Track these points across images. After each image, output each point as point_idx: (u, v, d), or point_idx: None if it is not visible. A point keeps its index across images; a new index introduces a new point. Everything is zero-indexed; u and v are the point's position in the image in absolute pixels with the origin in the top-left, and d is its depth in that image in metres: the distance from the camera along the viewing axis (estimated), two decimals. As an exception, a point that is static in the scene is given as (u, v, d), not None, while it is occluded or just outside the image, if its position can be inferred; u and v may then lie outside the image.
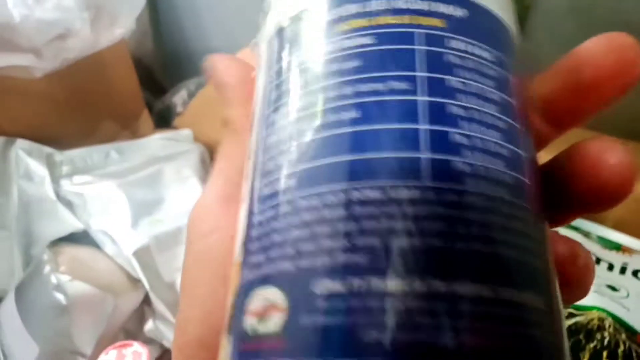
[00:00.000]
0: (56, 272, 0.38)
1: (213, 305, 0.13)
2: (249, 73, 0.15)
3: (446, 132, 0.10)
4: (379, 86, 0.11)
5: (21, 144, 0.47)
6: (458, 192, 0.10)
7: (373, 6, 0.12)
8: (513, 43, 0.13)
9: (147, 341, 0.41)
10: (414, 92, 0.11)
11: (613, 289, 0.36)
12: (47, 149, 0.48)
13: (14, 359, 0.37)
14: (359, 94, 0.11)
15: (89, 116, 0.56)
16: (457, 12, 0.12)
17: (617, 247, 0.41)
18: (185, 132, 0.59)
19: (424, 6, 0.11)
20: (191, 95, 0.71)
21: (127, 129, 0.59)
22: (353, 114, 0.11)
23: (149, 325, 0.43)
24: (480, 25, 0.12)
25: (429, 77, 0.11)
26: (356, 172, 0.10)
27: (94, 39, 0.48)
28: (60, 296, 0.37)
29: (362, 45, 0.11)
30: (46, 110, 0.52)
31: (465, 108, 0.11)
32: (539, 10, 0.71)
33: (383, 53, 0.11)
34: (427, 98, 0.10)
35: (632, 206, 0.47)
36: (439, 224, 0.09)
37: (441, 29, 0.11)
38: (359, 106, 0.11)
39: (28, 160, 0.46)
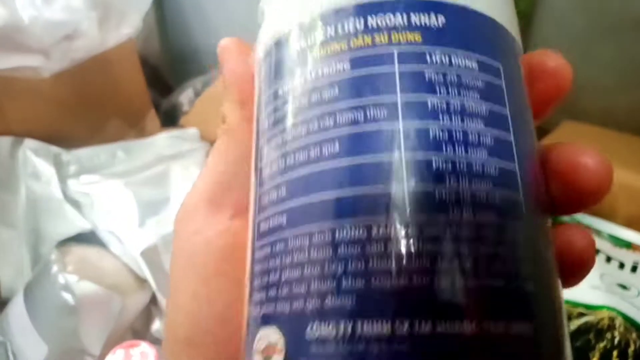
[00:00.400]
0: (64, 272, 0.38)
1: (196, 308, 0.14)
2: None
3: (429, 161, 0.10)
4: (358, 115, 0.10)
5: (29, 143, 0.47)
6: (443, 225, 0.09)
7: (349, 27, 0.11)
8: (504, 37, 0.12)
9: (155, 341, 0.41)
10: (394, 120, 0.10)
11: (624, 287, 0.36)
12: (55, 149, 0.48)
13: (23, 359, 0.37)
14: (339, 126, 0.10)
15: (96, 115, 0.56)
16: (436, 20, 0.11)
17: (628, 245, 0.41)
18: (192, 131, 0.59)
19: (401, 20, 0.11)
20: (197, 94, 0.71)
21: (134, 128, 0.60)
22: (335, 148, 0.10)
23: (156, 325, 0.43)
24: (462, 30, 0.11)
25: (408, 101, 0.10)
26: (340, 210, 0.10)
27: (101, 39, 0.48)
28: (68, 296, 0.37)
29: (341, 72, 0.11)
30: (54, 110, 0.52)
31: (448, 130, 0.10)
32: (546, 5, 0.71)
33: (361, 79, 0.11)
34: (408, 125, 0.10)
35: (643, 203, 0.47)
36: (424, 261, 0.09)
37: (420, 44, 0.11)
38: (340, 139, 0.10)
39: (36, 159, 0.46)
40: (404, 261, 0.09)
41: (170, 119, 0.69)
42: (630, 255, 0.39)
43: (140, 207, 0.46)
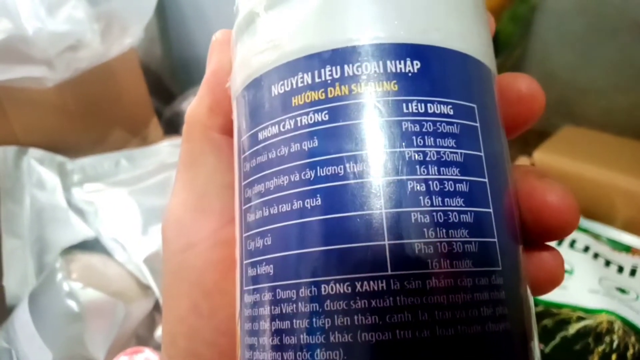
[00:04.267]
0: (68, 280, 0.38)
1: (196, 319, 0.14)
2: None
3: (407, 214, 0.10)
4: (337, 169, 0.10)
5: (33, 153, 0.48)
6: (422, 277, 0.10)
7: (326, 75, 0.11)
8: (479, 71, 0.12)
9: (158, 347, 0.42)
10: (372, 173, 0.10)
11: (623, 291, 0.36)
12: (59, 158, 0.49)
13: (28, 365, 0.37)
14: (319, 179, 0.10)
15: (100, 124, 0.56)
16: (411, 66, 0.11)
17: (627, 249, 0.41)
18: (194, 139, 0.59)
19: (377, 68, 0.11)
20: (200, 102, 0.71)
21: (137, 136, 0.60)
22: (316, 202, 0.10)
23: (159, 331, 0.43)
24: (438, 74, 0.11)
25: (386, 154, 0.10)
26: (324, 265, 0.10)
27: (104, 49, 0.49)
28: (72, 303, 0.37)
29: (318, 123, 0.11)
30: (58, 120, 0.52)
31: (425, 181, 0.10)
32: (546, 10, 0.71)
33: (338, 131, 0.11)
34: (385, 179, 0.10)
35: (643, 207, 0.47)
36: (406, 315, 0.10)
37: (395, 93, 0.11)
38: (320, 192, 0.10)
39: (40, 169, 0.47)
40: (387, 316, 0.10)
41: (172, 127, 0.70)
42: (629, 258, 0.40)
43: (144, 215, 0.47)
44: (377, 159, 0.10)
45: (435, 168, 0.10)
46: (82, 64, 0.48)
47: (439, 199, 0.10)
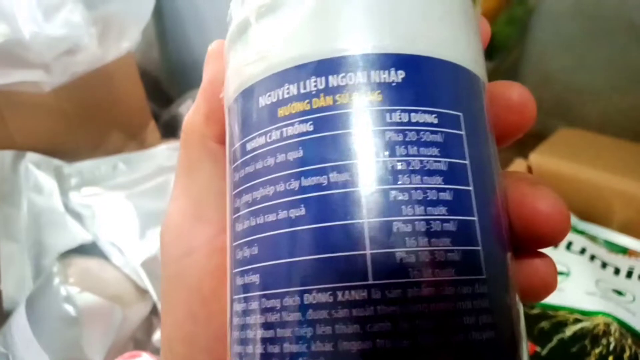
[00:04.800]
0: (66, 284, 0.38)
1: (193, 326, 0.14)
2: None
3: (389, 223, 0.10)
4: (321, 179, 0.10)
5: (31, 157, 0.48)
6: (403, 286, 0.10)
7: (311, 86, 0.11)
8: (466, 80, 0.12)
9: (156, 351, 0.42)
10: (355, 183, 0.10)
11: (619, 293, 0.36)
12: (56, 162, 0.49)
13: (25, 370, 0.37)
14: (304, 189, 0.11)
15: (97, 128, 0.56)
16: (396, 76, 0.11)
17: (624, 251, 0.41)
18: (192, 142, 0.59)
19: (361, 79, 0.11)
20: (197, 105, 0.71)
21: (135, 140, 0.60)
22: (300, 211, 0.10)
23: (157, 335, 0.43)
24: (423, 84, 0.11)
25: (369, 164, 0.10)
26: (309, 274, 0.10)
27: (101, 53, 0.49)
28: (70, 308, 0.37)
29: (303, 133, 0.11)
30: (55, 124, 0.52)
31: (408, 190, 0.10)
32: (543, 12, 0.71)
33: (322, 141, 0.11)
34: (367, 188, 0.10)
35: (639, 207, 0.47)
36: (386, 324, 0.10)
37: (380, 103, 0.11)
38: (304, 202, 0.10)
39: (37, 173, 0.47)
40: (368, 325, 0.10)
41: (170, 130, 0.70)
42: (625, 260, 0.40)
43: (141, 219, 0.47)
44: (360, 168, 0.10)
45: (419, 177, 0.10)
46: (79, 68, 0.48)
47: (422, 207, 0.10)
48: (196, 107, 0.15)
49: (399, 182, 0.10)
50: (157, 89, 0.81)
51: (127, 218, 0.46)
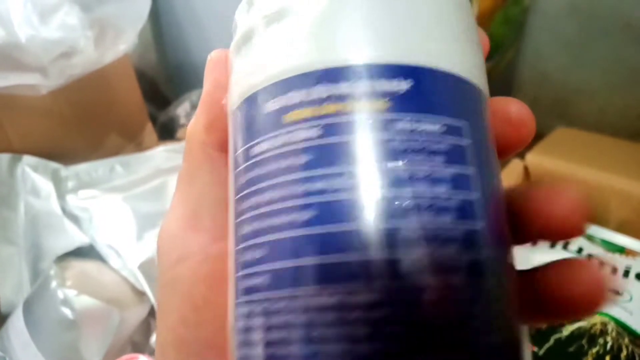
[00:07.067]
0: (63, 287, 0.38)
1: (184, 331, 0.14)
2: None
3: (395, 229, 0.10)
4: (327, 184, 0.11)
5: (28, 160, 0.48)
6: (408, 291, 0.10)
7: (317, 93, 0.11)
8: (469, 92, 0.12)
9: (154, 353, 0.42)
10: (361, 189, 0.10)
11: (616, 293, 0.36)
12: (53, 165, 0.49)
13: (23, 373, 0.37)
14: (309, 194, 0.11)
15: (94, 130, 0.56)
16: (401, 85, 0.11)
17: (621, 250, 0.41)
18: (189, 144, 0.59)
19: (367, 87, 0.11)
20: (194, 107, 0.72)
21: (132, 142, 0.60)
22: (306, 215, 0.11)
23: (155, 338, 0.43)
24: (428, 94, 0.11)
25: (375, 171, 0.11)
26: (312, 277, 0.10)
27: (98, 55, 0.49)
28: (67, 311, 0.37)
29: (308, 139, 0.11)
30: (52, 126, 0.52)
31: (414, 198, 0.10)
32: (539, 11, 0.71)
33: (328, 147, 0.11)
34: (373, 195, 0.10)
35: (637, 206, 0.47)
36: (393, 328, 0.10)
37: (385, 111, 0.11)
38: (310, 206, 0.11)
39: (34, 176, 0.47)
40: (375, 328, 0.10)
41: (167, 132, 0.70)
42: (622, 260, 0.40)
43: (139, 221, 0.47)
44: (366, 176, 0.10)
45: (424, 185, 0.11)
46: (76, 71, 0.48)
47: (427, 215, 0.10)
48: (197, 116, 0.16)
49: (405, 190, 0.10)
50: (154, 91, 0.81)
51: (125, 220, 0.46)
